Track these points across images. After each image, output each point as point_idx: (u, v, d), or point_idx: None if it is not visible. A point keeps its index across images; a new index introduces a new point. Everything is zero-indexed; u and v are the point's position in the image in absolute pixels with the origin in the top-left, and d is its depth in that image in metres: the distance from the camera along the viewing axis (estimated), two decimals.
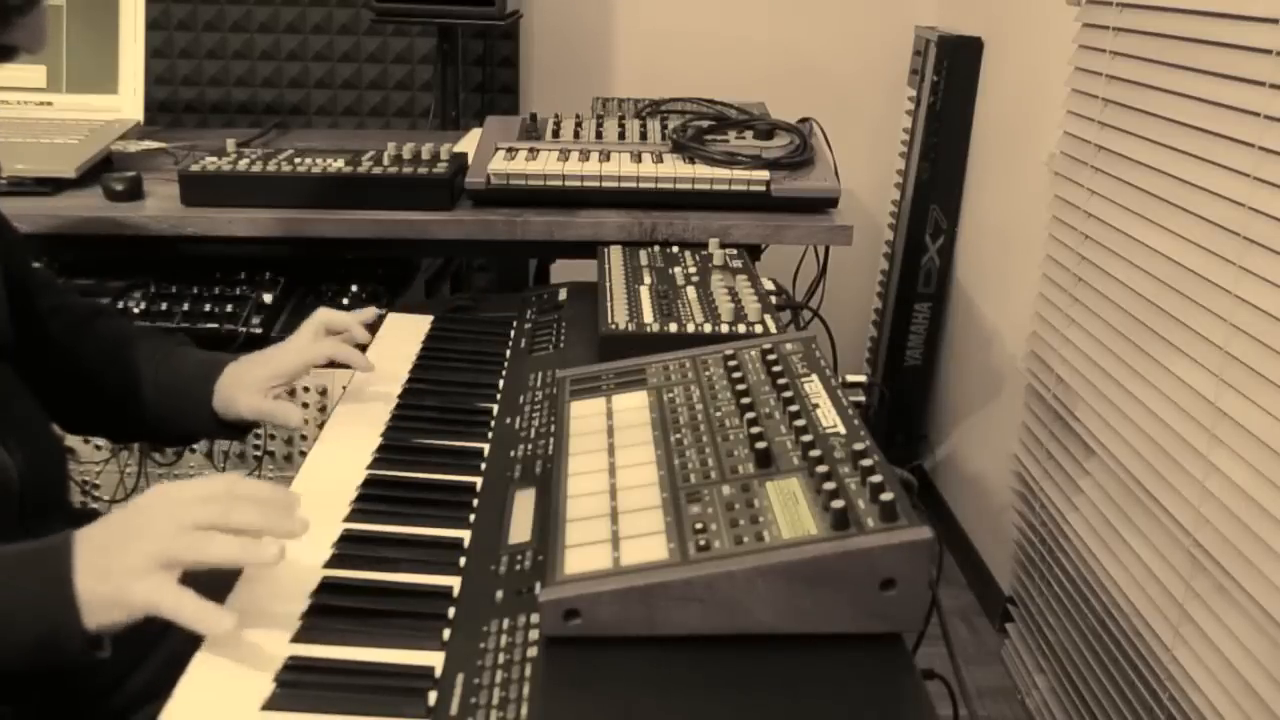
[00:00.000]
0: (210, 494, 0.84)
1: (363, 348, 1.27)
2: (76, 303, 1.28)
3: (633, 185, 1.68)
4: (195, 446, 1.76)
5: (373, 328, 1.33)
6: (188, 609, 0.78)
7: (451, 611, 0.86)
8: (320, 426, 1.22)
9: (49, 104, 1.94)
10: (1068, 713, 2.00)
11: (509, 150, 1.74)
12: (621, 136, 1.84)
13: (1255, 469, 1.47)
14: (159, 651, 1.10)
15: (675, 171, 1.69)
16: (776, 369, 1.04)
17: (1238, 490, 1.50)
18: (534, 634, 0.80)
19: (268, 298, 1.77)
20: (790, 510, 0.82)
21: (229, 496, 0.84)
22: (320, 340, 1.23)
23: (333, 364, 1.23)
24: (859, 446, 0.88)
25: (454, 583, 0.89)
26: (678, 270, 1.42)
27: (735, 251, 1.52)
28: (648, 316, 1.27)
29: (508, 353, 1.35)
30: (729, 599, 0.77)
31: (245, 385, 1.19)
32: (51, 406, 1.15)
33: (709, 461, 0.91)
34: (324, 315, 1.25)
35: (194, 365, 1.23)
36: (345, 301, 1.80)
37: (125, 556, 0.80)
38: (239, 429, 1.23)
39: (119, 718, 1.08)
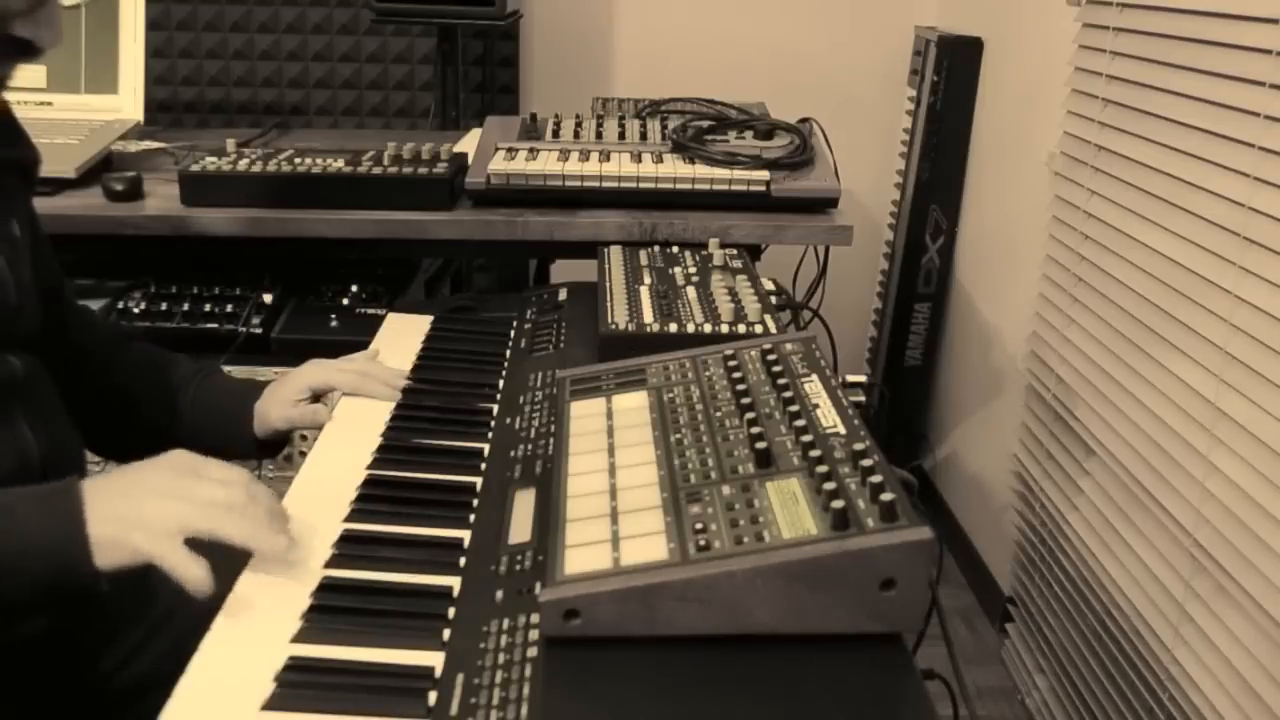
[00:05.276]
0: (232, 479, 0.91)
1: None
2: (112, 324, 1.31)
3: (633, 185, 1.68)
4: None
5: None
6: (179, 563, 0.85)
7: (451, 611, 0.86)
8: (320, 427, 1.22)
9: (49, 104, 1.94)
10: (1068, 713, 2.00)
11: (509, 150, 1.74)
12: (621, 136, 1.84)
13: (1255, 469, 1.47)
14: (163, 637, 1.12)
15: (675, 171, 1.69)
16: (776, 369, 1.04)
17: (1238, 490, 1.50)
18: (534, 634, 0.80)
19: (268, 298, 1.77)
20: (790, 510, 0.82)
21: (247, 492, 0.91)
22: (348, 372, 1.27)
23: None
24: (859, 446, 0.88)
25: (454, 583, 0.89)
26: (678, 270, 1.42)
27: (735, 251, 1.52)
28: (648, 316, 1.27)
29: (508, 353, 1.35)
30: (729, 599, 0.77)
31: (275, 399, 1.25)
32: (89, 429, 1.19)
33: (709, 461, 0.91)
34: (361, 374, 1.28)
35: (234, 388, 1.29)
36: (345, 301, 1.80)
37: (141, 507, 0.87)
38: (273, 447, 1.29)
39: (122, 703, 1.09)
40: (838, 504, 0.79)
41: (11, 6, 0.91)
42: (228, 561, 0.89)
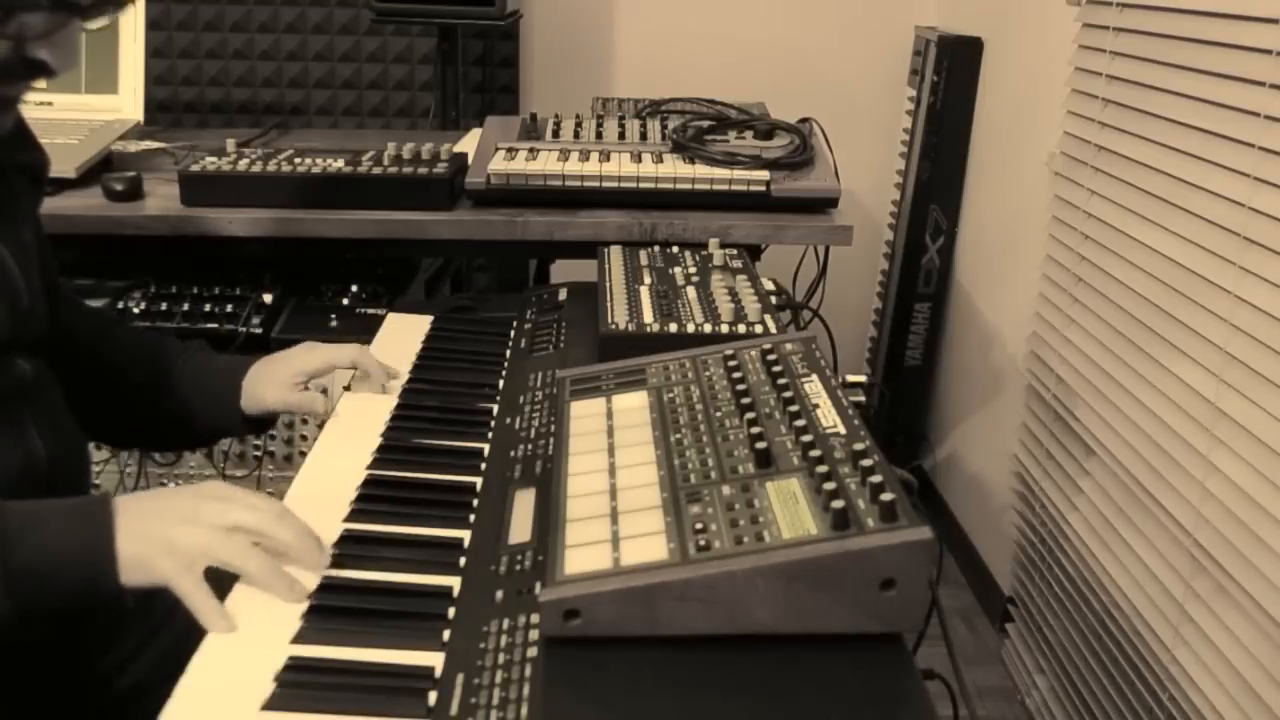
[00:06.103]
0: (260, 505, 0.91)
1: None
2: (99, 311, 1.31)
3: (633, 185, 1.68)
4: None
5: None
6: (199, 600, 0.84)
7: (451, 611, 0.86)
8: (321, 426, 1.22)
9: (49, 104, 1.94)
10: (1068, 713, 2.00)
11: (509, 150, 1.74)
12: (621, 136, 1.84)
13: (1255, 469, 1.47)
14: (163, 637, 1.12)
15: (675, 171, 1.69)
16: (776, 369, 1.04)
17: (1238, 490, 1.50)
18: (534, 634, 0.80)
19: (268, 298, 1.77)
20: (790, 510, 0.82)
21: (276, 513, 0.91)
22: (345, 349, 1.27)
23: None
24: (859, 446, 0.88)
25: (454, 583, 0.89)
26: (678, 270, 1.42)
27: (735, 251, 1.51)
28: (648, 316, 1.27)
29: (508, 353, 1.35)
30: (729, 599, 0.77)
31: (272, 381, 1.24)
32: (82, 414, 1.18)
33: (709, 461, 0.91)
34: (360, 349, 1.29)
35: (221, 364, 1.28)
36: (345, 301, 1.80)
37: (172, 533, 0.87)
38: (262, 424, 1.29)
39: (122, 703, 1.09)
40: (838, 504, 0.79)
41: (30, 29, 0.90)
42: None
